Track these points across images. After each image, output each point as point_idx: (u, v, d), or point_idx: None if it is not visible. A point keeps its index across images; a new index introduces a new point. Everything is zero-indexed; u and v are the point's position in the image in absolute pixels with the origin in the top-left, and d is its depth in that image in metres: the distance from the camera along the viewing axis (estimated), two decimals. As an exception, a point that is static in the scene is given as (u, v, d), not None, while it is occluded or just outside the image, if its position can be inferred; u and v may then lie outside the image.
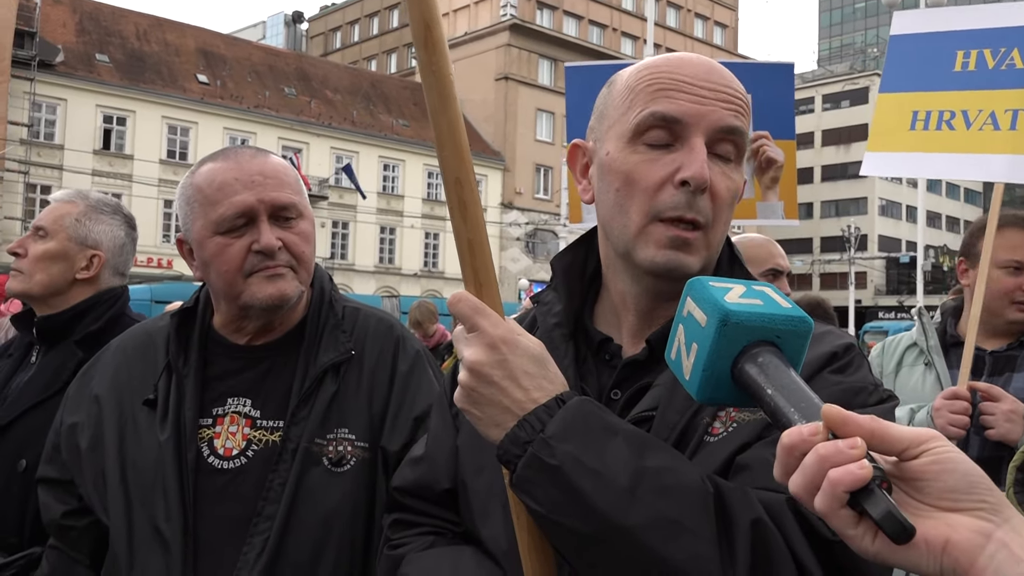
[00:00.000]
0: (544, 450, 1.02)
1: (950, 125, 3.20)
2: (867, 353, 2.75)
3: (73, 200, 2.58)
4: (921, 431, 0.79)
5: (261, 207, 1.77)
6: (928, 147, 3.25)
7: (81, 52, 39.83)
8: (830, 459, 0.75)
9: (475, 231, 1.11)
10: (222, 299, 1.86)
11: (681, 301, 0.98)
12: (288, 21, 74.86)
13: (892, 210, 70.62)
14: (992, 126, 3.10)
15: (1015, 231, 2.92)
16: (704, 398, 0.94)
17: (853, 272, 45.96)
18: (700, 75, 1.22)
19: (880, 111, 3.48)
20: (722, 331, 0.90)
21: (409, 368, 1.89)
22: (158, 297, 14.85)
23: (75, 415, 1.91)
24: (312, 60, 54.33)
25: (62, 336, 2.46)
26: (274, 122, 43.84)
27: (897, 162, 3.37)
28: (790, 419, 0.84)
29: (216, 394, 1.83)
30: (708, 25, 67.17)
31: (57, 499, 1.89)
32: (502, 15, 53.64)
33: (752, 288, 0.96)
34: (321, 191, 44.03)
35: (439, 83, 1.08)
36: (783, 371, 0.89)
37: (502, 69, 52.36)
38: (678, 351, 0.97)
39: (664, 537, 0.97)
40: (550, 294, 1.39)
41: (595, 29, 59.32)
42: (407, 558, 1.32)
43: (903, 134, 3.34)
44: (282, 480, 1.72)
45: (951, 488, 0.77)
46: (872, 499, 0.74)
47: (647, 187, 1.21)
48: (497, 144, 51.81)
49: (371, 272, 46.50)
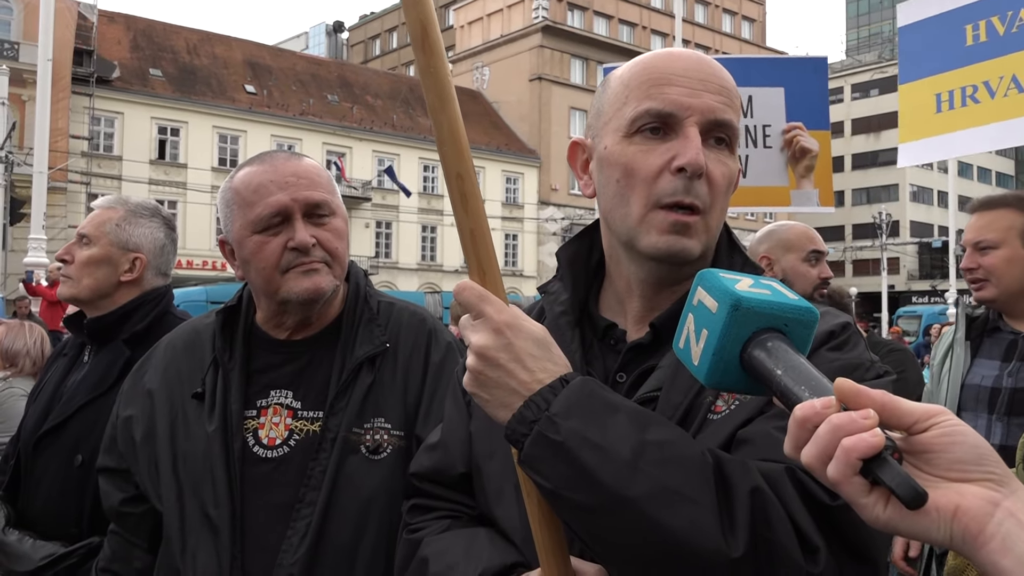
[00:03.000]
0: (549, 427, 1.04)
1: (975, 99, 3.12)
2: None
3: (113, 206, 2.63)
4: (930, 406, 0.80)
5: (295, 206, 1.82)
6: (957, 125, 3.20)
7: (136, 67, 41.28)
8: (843, 428, 0.76)
9: (476, 221, 1.13)
10: (262, 296, 1.91)
11: (691, 291, 0.99)
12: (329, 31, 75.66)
13: (923, 196, 69.51)
14: (1016, 89, 3.00)
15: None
16: (713, 383, 0.95)
17: (885, 258, 45.62)
18: (691, 68, 1.26)
19: (904, 102, 3.47)
20: (733, 315, 0.91)
21: (442, 359, 1.93)
22: (213, 298, 14.78)
23: (130, 408, 1.98)
24: (353, 68, 55.28)
25: (111, 336, 2.51)
26: (319, 128, 44.74)
27: (930, 147, 3.34)
28: (800, 396, 0.85)
29: (259, 387, 1.88)
30: (736, 20, 66.50)
31: (116, 487, 1.97)
32: (534, 17, 53.84)
33: (760, 280, 0.98)
34: (365, 193, 44.88)
35: (437, 83, 1.09)
36: (792, 355, 0.90)
37: (535, 70, 52.51)
38: (687, 339, 0.99)
39: (665, 507, 0.99)
40: (556, 284, 1.42)
41: (625, 28, 59.23)
42: (425, 541, 1.35)
43: (930, 119, 3.30)
44: (322, 468, 1.77)
45: (960, 459, 0.77)
46: (885, 466, 0.75)
47: (646, 176, 1.24)
48: (532, 143, 52.12)
49: (414, 270, 47.23)
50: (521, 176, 51.30)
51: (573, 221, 49.63)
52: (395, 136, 47.45)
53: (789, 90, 4.17)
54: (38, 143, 12.71)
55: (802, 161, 4.15)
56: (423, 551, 1.34)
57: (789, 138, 4.16)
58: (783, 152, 4.17)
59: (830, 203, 4.27)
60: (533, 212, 50.79)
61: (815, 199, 4.19)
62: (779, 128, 4.18)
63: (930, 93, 3.30)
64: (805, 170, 4.16)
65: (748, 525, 0.99)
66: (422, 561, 1.33)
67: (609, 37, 57.23)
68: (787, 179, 4.19)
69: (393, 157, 46.17)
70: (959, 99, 3.18)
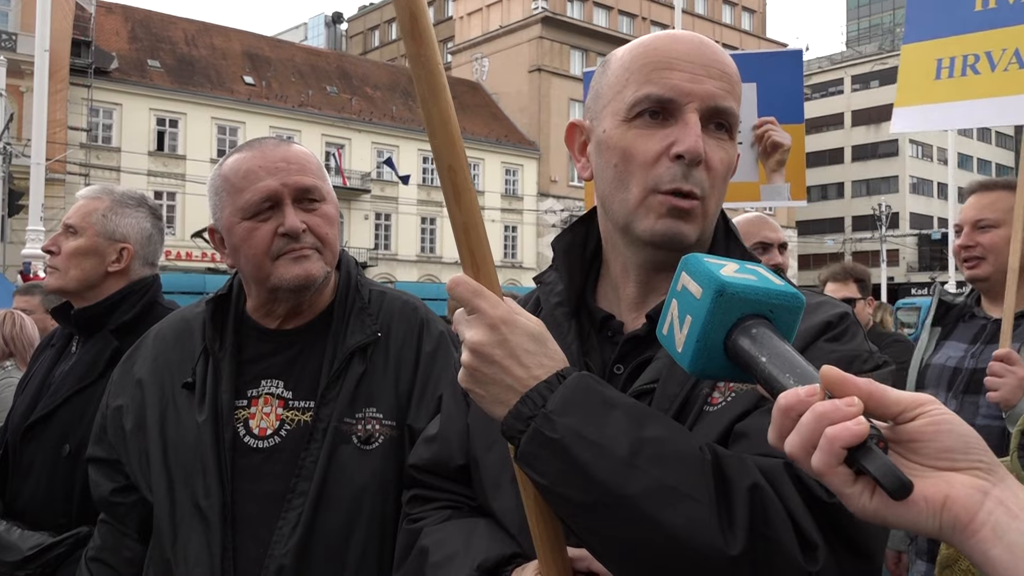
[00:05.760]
0: (546, 425, 1.03)
1: (975, 69, 3.04)
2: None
3: (99, 196, 2.60)
4: (917, 395, 0.78)
5: (285, 191, 1.80)
6: (954, 96, 3.12)
7: (134, 59, 41.17)
8: (827, 416, 0.75)
9: (469, 215, 1.11)
10: (252, 283, 1.89)
11: (675, 277, 0.97)
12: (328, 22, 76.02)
13: (923, 188, 69.66)
14: (1017, 64, 2.92)
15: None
16: (696, 370, 0.93)
17: (885, 250, 46.00)
18: (692, 52, 1.25)
19: (905, 63, 3.34)
20: (717, 301, 0.89)
21: (434, 349, 1.91)
22: (213, 289, 15.00)
23: (120, 398, 1.96)
24: (352, 59, 55.19)
25: (98, 326, 2.50)
26: (317, 119, 44.68)
27: (925, 115, 3.24)
28: (785, 384, 0.83)
29: (250, 377, 1.86)
30: (736, 11, 66.52)
31: (106, 477, 1.95)
32: (534, 8, 53.82)
33: (745, 265, 0.96)
34: (364, 184, 44.92)
35: (428, 73, 1.07)
36: (777, 342, 0.88)
37: (535, 61, 52.54)
38: (671, 326, 0.97)
39: (663, 504, 0.98)
40: (552, 274, 1.41)
41: (625, 19, 59.23)
42: (424, 531, 1.35)
43: (929, 85, 3.20)
44: (314, 458, 1.76)
45: (948, 448, 0.76)
46: (870, 456, 0.73)
47: (644, 161, 1.23)
48: (532, 134, 52.17)
49: (413, 261, 47.35)
50: (520, 168, 51.36)
51: (572, 213, 49.55)
52: (394, 127, 47.40)
53: (763, 84, 4.17)
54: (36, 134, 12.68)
55: (773, 156, 4.15)
56: (423, 541, 1.34)
57: (760, 133, 4.16)
58: (753, 148, 4.18)
59: (802, 197, 4.27)
60: (532, 204, 50.94)
61: (786, 193, 4.20)
62: (750, 124, 4.18)
63: (932, 57, 3.22)
64: (776, 164, 4.16)
65: (747, 522, 0.98)
66: (421, 551, 1.33)
67: (609, 28, 57.19)
68: (757, 174, 4.19)
69: (392, 149, 46.18)
70: (959, 67, 3.11)
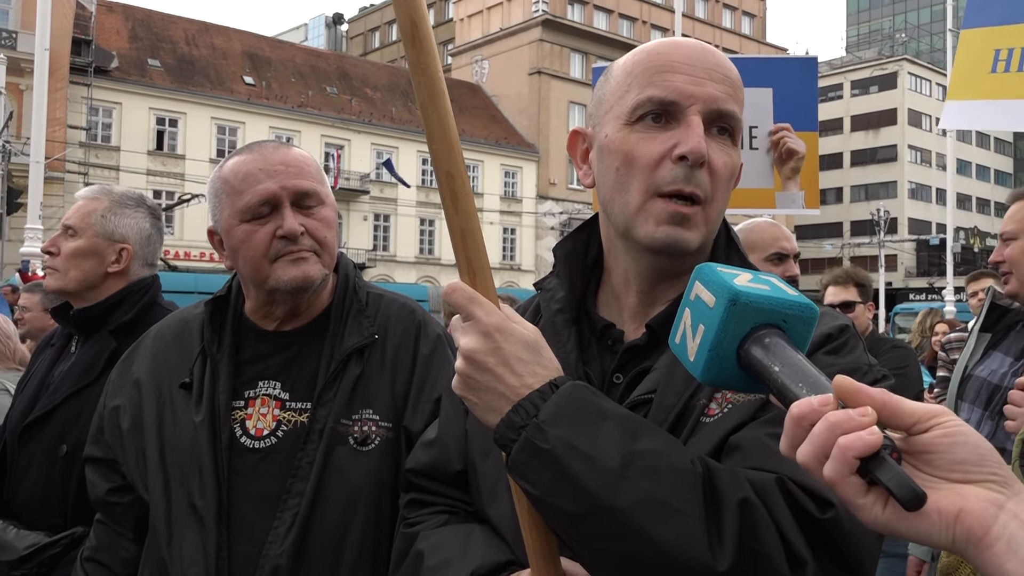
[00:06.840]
0: (537, 434, 1.03)
1: None
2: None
3: (98, 197, 2.60)
4: (931, 406, 0.78)
5: (284, 194, 1.81)
6: (1009, 93, 2.91)
7: (134, 58, 41.18)
8: (840, 426, 0.74)
9: (467, 221, 1.11)
10: (251, 285, 1.90)
11: (688, 286, 0.97)
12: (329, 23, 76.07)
13: (922, 193, 69.40)
14: None
15: None
16: (708, 379, 0.93)
17: (883, 255, 45.94)
18: (694, 57, 1.25)
19: (962, 50, 3.11)
20: (731, 310, 0.89)
21: (431, 351, 1.92)
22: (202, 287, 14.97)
23: (117, 398, 1.97)
24: (352, 60, 55.24)
25: (97, 327, 2.50)
26: (317, 120, 44.71)
27: (976, 112, 3.05)
28: (798, 394, 0.83)
29: (247, 377, 1.87)
30: (736, 15, 66.50)
31: (103, 477, 1.95)
32: (534, 11, 53.88)
33: (759, 275, 0.96)
34: (363, 186, 44.94)
35: (428, 80, 1.07)
36: (790, 352, 0.88)
37: (535, 64, 52.57)
38: (683, 334, 0.97)
39: (653, 518, 0.98)
40: (553, 281, 1.40)
41: (625, 22, 59.24)
42: (421, 535, 1.34)
43: (983, 78, 3.01)
44: (310, 459, 1.76)
45: (962, 460, 0.75)
46: (883, 466, 0.72)
47: (646, 163, 1.22)
48: (531, 137, 52.20)
49: (412, 263, 47.34)
50: (520, 170, 51.38)
51: (571, 215, 49.81)
52: (394, 129, 47.43)
53: (778, 91, 4.14)
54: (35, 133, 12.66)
55: (788, 163, 4.12)
56: (419, 545, 1.33)
57: (776, 139, 4.13)
58: (769, 154, 4.14)
59: (816, 205, 4.24)
60: (531, 206, 50.96)
61: (800, 201, 4.17)
62: (766, 129, 4.15)
63: (990, 46, 2.99)
64: (791, 172, 4.13)
65: (736, 538, 0.98)
66: (417, 555, 1.32)
67: (609, 32, 57.28)
68: (773, 181, 4.16)
69: (392, 150, 46.18)
70: (1016, 60, 2.91)
